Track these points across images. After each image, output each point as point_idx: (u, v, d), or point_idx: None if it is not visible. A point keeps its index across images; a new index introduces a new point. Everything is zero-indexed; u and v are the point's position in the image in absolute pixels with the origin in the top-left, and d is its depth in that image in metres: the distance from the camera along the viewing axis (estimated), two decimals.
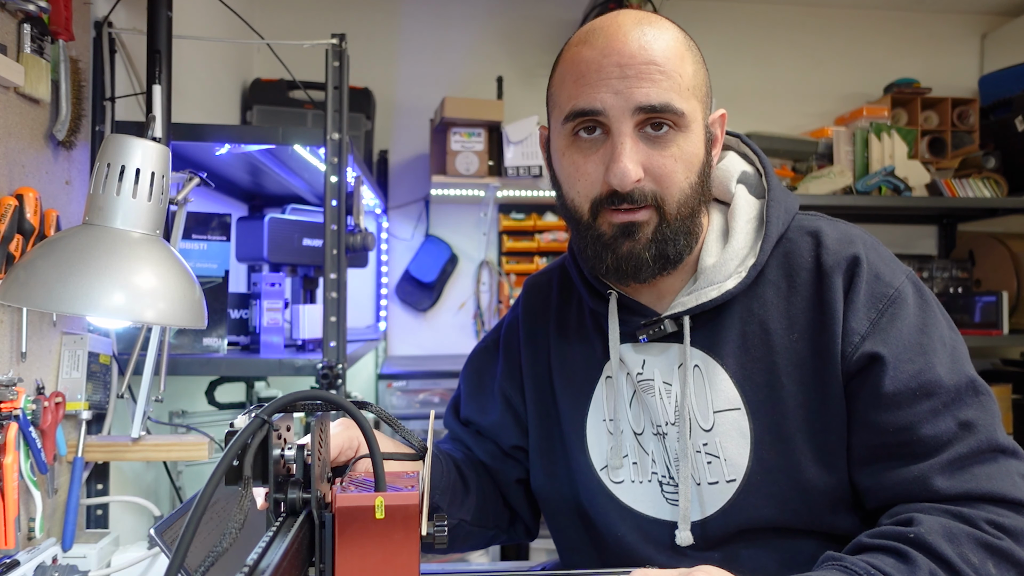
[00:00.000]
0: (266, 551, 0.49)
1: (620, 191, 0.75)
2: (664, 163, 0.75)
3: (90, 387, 1.23)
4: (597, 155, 0.77)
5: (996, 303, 2.59)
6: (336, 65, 1.40)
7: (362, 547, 0.56)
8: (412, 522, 0.56)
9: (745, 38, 3.02)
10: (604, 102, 0.74)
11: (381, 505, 0.56)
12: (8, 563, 0.97)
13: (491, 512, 0.97)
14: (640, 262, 0.78)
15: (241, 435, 0.52)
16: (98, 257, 0.87)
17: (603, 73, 0.75)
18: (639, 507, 0.85)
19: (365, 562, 0.56)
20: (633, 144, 0.75)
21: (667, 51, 0.75)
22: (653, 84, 0.74)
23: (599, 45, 0.76)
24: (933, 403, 0.73)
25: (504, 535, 1.01)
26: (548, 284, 0.99)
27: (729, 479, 0.80)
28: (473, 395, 1.02)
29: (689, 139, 0.77)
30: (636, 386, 0.85)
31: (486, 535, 0.97)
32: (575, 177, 0.79)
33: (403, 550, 0.56)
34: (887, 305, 0.77)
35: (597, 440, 0.88)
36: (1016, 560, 0.68)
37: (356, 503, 0.56)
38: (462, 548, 0.97)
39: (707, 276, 0.81)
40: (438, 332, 2.92)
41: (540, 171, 2.54)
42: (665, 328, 0.81)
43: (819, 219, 0.85)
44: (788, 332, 0.80)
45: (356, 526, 0.56)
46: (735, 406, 0.80)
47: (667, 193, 0.76)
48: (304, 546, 0.56)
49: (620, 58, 0.74)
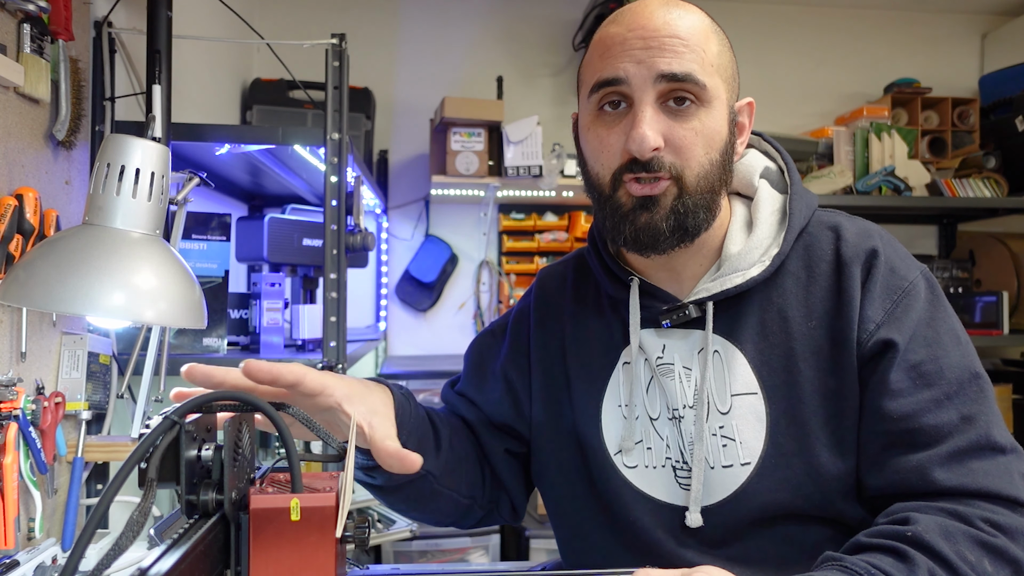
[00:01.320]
0: (164, 554, 0.48)
1: (639, 158, 0.77)
2: (684, 135, 0.77)
3: (90, 387, 1.22)
4: (620, 126, 0.79)
5: (996, 303, 2.59)
6: (336, 65, 1.40)
7: (278, 549, 0.55)
8: (329, 524, 0.55)
9: (745, 38, 3.02)
10: (627, 71, 0.77)
11: (297, 507, 0.55)
12: (8, 563, 0.97)
13: (464, 477, 0.94)
14: (658, 233, 0.79)
15: (149, 436, 0.52)
16: (98, 257, 0.87)
17: (627, 45, 0.77)
18: (652, 492, 0.86)
19: (280, 565, 0.55)
20: (654, 113, 0.77)
21: (691, 28, 0.78)
22: (676, 55, 0.76)
23: (625, 22, 0.79)
24: (935, 393, 0.75)
25: (484, 511, 0.98)
26: (563, 273, 1.00)
27: (744, 462, 0.81)
28: (473, 374, 1.02)
29: (711, 115, 0.78)
30: (655, 371, 0.86)
31: (459, 502, 0.93)
32: (599, 149, 0.81)
33: (319, 552, 0.55)
34: (901, 296, 0.79)
35: (612, 424, 0.88)
36: (1011, 557, 0.68)
37: (271, 504, 0.55)
38: (429, 509, 0.92)
39: (732, 263, 0.83)
40: (438, 332, 2.92)
41: (540, 171, 2.54)
42: (690, 313, 0.83)
43: (838, 215, 0.87)
44: (806, 320, 0.82)
45: (271, 528, 0.55)
46: (752, 390, 0.81)
47: (686, 165, 0.78)
48: (216, 549, 0.55)
49: (644, 31, 0.77)
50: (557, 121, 2.89)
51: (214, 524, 0.55)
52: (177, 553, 0.48)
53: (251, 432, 0.63)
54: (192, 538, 0.51)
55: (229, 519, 0.56)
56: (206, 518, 0.55)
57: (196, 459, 0.56)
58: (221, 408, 0.58)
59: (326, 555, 0.55)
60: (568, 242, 2.84)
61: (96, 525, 0.46)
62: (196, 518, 0.55)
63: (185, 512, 0.56)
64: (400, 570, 0.98)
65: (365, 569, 0.93)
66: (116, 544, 0.46)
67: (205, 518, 0.55)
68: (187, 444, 0.55)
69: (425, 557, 2.30)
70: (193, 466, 0.55)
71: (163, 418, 0.53)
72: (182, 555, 0.48)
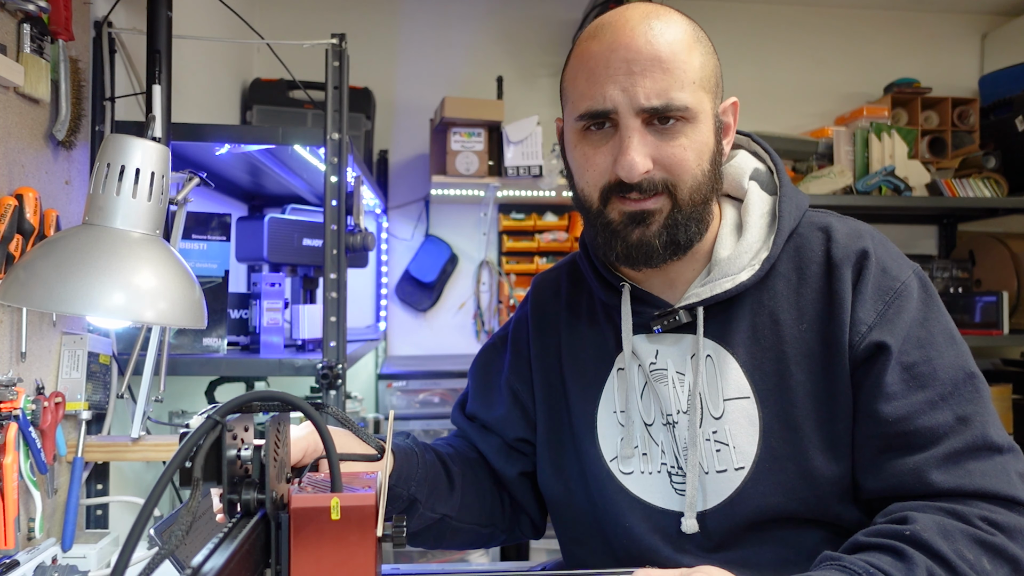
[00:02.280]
0: (213, 552, 0.48)
1: (628, 182, 0.77)
2: (674, 152, 0.77)
3: (90, 387, 1.22)
4: (607, 147, 0.79)
5: (996, 303, 2.59)
6: (336, 65, 1.40)
7: (318, 548, 0.55)
8: (368, 523, 0.56)
9: (745, 38, 3.02)
10: (613, 100, 0.76)
11: (337, 506, 0.55)
12: (8, 563, 0.97)
13: (485, 509, 0.96)
14: (651, 249, 0.80)
15: (192, 436, 0.52)
16: (98, 257, 0.87)
17: (610, 69, 0.77)
18: (648, 498, 0.86)
19: (321, 564, 0.55)
20: (641, 137, 0.77)
21: (673, 44, 0.77)
22: (655, 83, 0.76)
23: (606, 40, 0.78)
24: (930, 395, 0.75)
25: (505, 534, 1.00)
26: (557, 280, 1.00)
27: (738, 467, 0.81)
28: (480, 391, 1.02)
29: (698, 129, 0.79)
30: (648, 376, 0.86)
31: (479, 532, 0.96)
32: (585, 167, 0.81)
33: (359, 551, 0.56)
34: (893, 297, 0.79)
35: (607, 431, 0.89)
36: (1010, 556, 0.68)
37: (311, 504, 0.56)
38: (451, 544, 0.95)
39: (721, 268, 0.83)
40: (438, 332, 2.92)
41: (540, 171, 2.54)
42: (680, 318, 0.83)
43: (829, 215, 0.87)
44: (798, 323, 0.81)
45: (312, 527, 0.55)
46: (745, 394, 0.81)
47: (679, 180, 0.78)
48: (258, 548, 0.55)
49: (627, 53, 0.76)
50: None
51: (256, 523, 0.55)
52: (226, 552, 0.49)
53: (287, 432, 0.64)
54: (238, 536, 0.51)
55: (270, 518, 0.57)
56: (248, 517, 0.56)
57: (236, 458, 0.56)
58: (261, 408, 0.58)
59: (366, 554, 0.56)
60: (568, 242, 2.84)
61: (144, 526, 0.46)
62: (239, 517, 0.55)
63: (226, 511, 0.56)
64: (400, 570, 0.98)
65: None
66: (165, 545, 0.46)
67: (247, 517, 0.56)
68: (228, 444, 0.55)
69: (425, 557, 2.30)
70: (232, 466, 0.56)
71: (206, 418, 0.53)
72: (232, 553, 0.49)
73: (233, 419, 0.56)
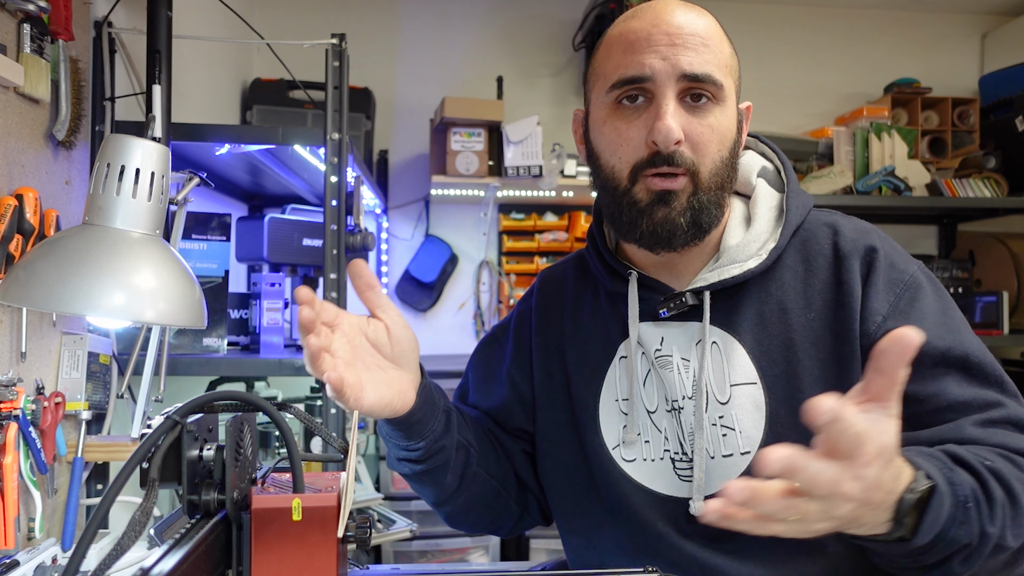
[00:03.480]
0: (167, 554, 0.48)
1: (663, 151, 0.78)
2: (702, 131, 0.80)
3: (90, 387, 1.22)
4: (640, 120, 0.80)
5: (996, 303, 2.59)
6: (336, 65, 1.40)
7: (279, 549, 0.55)
8: (330, 524, 0.56)
9: (745, 38, 3.01)
10: (653, 67, 0.79)
11: (298, 507, 0.55)
12: (8, 563, 0.97)
13: (500, 464, 0.95)
14: (675, 227, 0.81)
15: (150, 436, 0.51)
16: (98, 257, 0.87)
17: (652, 41, 0.79)
18: (651, 485, 0.86)
19: (282, 565, 0.55)
20: (676, 107, 0.79)
21: (710, 29, 0.81)
22: (698, 54, 0.79)
23: (648, 18, 0.81)
24: (964, 375, 0.77)
25: (518, 506, 0.98)
26: (563, 274, 1.02)
27: (744, 451, 0.81)
28: (480, 381, 1.03)
29: (725, 113, 0.81)
30: (653, 363, 0.87)
31: (496, 491, 0.94)
32: (617, 143, 0.82)
33: (321, 552, 0.56)
34: (904, 290, 0.81)
35: (609, 419, 0.89)
36: None
37: (273, 504, 0.55)
38: (468, 495, 0.91)
39: (730, 255, 0.85)
40: (438, 332, 2.91)
41: (540, 171, 2.54)
42: (687, 301, 0.84)
43: (835, 214, 0.90)
44: (805, 311, 0.83)
45: (273, 528, 0.55)
46: (751, 380, 0.82)
47: (702, 162, 0.80)
48: (218, 549, 0.55)
49: (669, 27, 0.80)
50: (557, 121, 2.89)
51: (216, 524, 0.55)
52: (179, 553, 0.48)
53: (252, 432, 0.63)
54: (194, 538, 0.51)
55: (231, 519, 0.56)
56: (208, 518, 0.55)
57: (198, 459, 0.56)
58: (223, 408, 0.58)
59: (328, 555, 0.56)
60: (568, 242, 2.84)
61: (98, 525, 0.46)
62: (198, 518, 0.55)
63: (187, 512, 0.56)
64: (400, 570, 0.98)
65: (365, 569, 0.93)
66: (118, 544, 0.46)
67: (207, 518, 0.55)
68: (189, 444, 0.55)
69: (425, 557, 2.30)
70: (195, 466, 0.55)
71: (165, 418, 0.53)
72: (184, 555, 0.48)
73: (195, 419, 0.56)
